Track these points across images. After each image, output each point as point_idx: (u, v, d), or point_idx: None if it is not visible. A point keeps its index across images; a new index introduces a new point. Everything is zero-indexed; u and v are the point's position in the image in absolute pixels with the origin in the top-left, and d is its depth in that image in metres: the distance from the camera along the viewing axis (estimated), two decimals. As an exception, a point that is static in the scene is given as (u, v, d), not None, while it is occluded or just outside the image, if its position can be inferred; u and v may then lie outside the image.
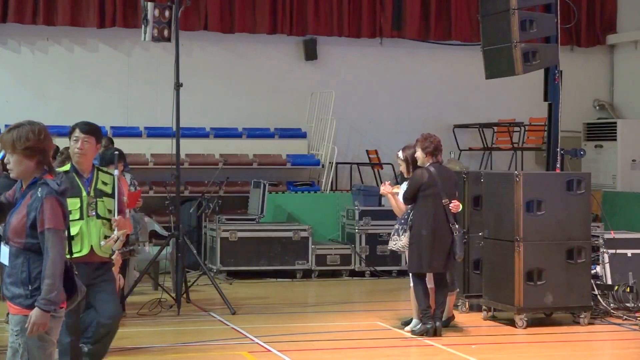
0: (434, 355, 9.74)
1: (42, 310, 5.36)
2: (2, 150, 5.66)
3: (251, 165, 16.93)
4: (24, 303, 5.44)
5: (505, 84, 16.00)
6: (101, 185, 7.41)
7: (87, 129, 7.41)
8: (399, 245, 10.68)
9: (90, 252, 7.27)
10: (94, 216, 7.29)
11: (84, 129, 7.40)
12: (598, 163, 18.29)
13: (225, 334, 10.63)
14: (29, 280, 5.45)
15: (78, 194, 7.26)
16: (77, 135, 7.40)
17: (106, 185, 7.41)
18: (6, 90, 16.86)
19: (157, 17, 12.75)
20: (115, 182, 7.42)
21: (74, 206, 7.11)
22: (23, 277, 5.46)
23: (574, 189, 11.01)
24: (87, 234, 7.28)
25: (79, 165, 7.40)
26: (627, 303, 11.52)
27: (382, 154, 17.73)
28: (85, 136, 7.37)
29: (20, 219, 5.50)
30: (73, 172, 7.35)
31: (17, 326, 5.47)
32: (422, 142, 10.48)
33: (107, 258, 7.45)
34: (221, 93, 17.73)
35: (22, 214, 5.50)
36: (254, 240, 15.09)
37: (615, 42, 19.46)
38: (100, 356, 7.79)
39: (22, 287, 5.46)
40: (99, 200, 7.34)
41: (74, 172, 7.36)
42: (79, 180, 7.34)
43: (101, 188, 7.40)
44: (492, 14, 11.96)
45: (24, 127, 5.63)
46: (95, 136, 7.44)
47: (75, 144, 7.37)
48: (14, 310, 5.50)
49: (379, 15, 18.24)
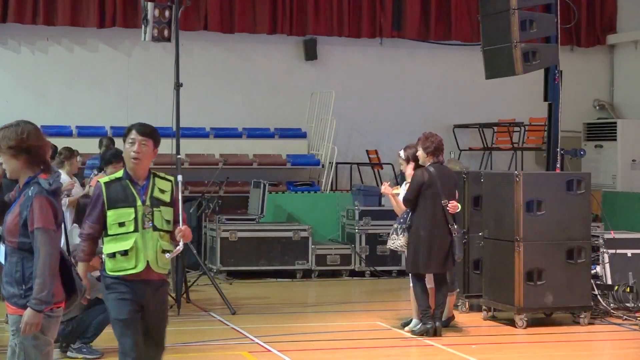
0: (434, 355, 9.74)
1: (34, 310, 5.36)
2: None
3: (251, 165, 16.93)
4: (19, 303, 5.44)
5: (505, 84, 16.00)
6: (158, 193, 6.53)
7: (145, 131, 6.48)
8: (397, 244, 10.68)
9: (146, 269, 6.40)
10: (150, 228, 6.42)
11: (141, 130, 6.48)
12: (598, 163, 18.29)
13: (225, 334, 10.63)
14: (22, 279, 5.45)
15: (132, 204, 6.41)
16: (134, 137, 6.46)
17: (164, 193, 6.53)
18: (6, 90, 16.86)
19: (157, 17, 12.74)
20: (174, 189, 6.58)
21: (128, 217, 6.40)
22: (17, 276, 5.47)
23: (574, 189, 11.01)
24: (142, 248, 6.40)
25: (133, 171, 6.48)
26: (627, 303, 11.52)
27: (382, 154, 17.74)
28: (142, 138, 6.44)
29: (13, 218, 5.50)
30: (126, 179, 6.48)
31: (13, 326, 5.48)
32: (423, 142, 10.47)
33: (164, 275, 6.62)
34: (221, 93, 17.74)
35: (15, 214, 5.51)
36: (254, 240, 15.09)
37: (615, 42, 19.47)
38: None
39: (16, 286, 5.46)
40: (155, 210, 6.45)
41: (127, 179, 6.48)
42: (133, 188, 6.46)
43: (158, 196, 6.51)
44: (492, 14, 11.96)
45: (10, 127, 5.59)
46: (154, 139, 6.51)
47: (130, 147, 6.43)
48: (10, 310, 5.50)
49: (379, 15, 18.24)
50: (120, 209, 6.37)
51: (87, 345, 9.21)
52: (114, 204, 6.38)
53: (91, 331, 9.16)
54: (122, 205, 6.37)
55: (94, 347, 9.26)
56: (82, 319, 9.11)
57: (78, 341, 9.16)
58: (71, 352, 9.17)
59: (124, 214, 6.35)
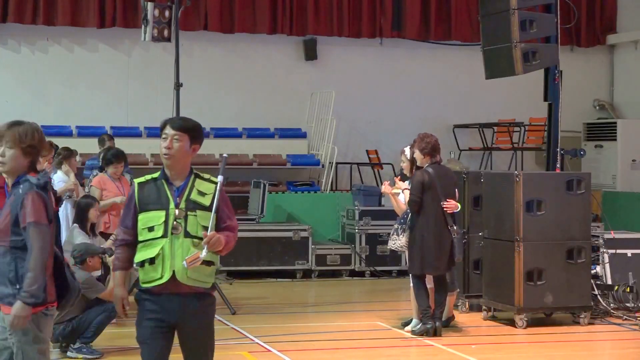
0: (434, 355, 9.74)
1: (24, 303, 5.36)
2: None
3: (251, 165, 16.93)
4: (13, 302, 5.42)
5: (505, 84, 15.99)
6: (196, 195, 5.82)
7: (180, 125, 5.86)
8: (398, 244, 10.67)
9: (173, 280, 5.69)
10: (181, 234, 5.71)
11: (175, 124, 5.87)
12: (598, 163, 18.29)
13: (225, 334, 10.61)
14: (16, 279, 5.45)
15: (164, 206, 5.74)
16: (167, 132, 5.84)
17: (204, 196, 5.81)
18: (6, 90, 16.86)
19: (157, 17, 12.75)
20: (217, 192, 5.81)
21: (157, 221, 5.72)
22: (11, 276, 5.46)
23: (574, 189, 11.01)
24: (169, 255, 5.69)
25: (168, 169, 5.84)
26: (627, 303, 11.52)
27: (382, 154, 17.74)
28: (176, 133, 5.81)
29: (3, 218, 5.49)
30: (162, 179, 5.84)
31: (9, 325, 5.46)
32: (419, 143, 10.46)
33: (202, 288, 5.79)
34: (221, 93, 17.74)
35: (6, 213, 5.50)
36: (254, 240, 15.08)
37: (615, 42, 19.47)
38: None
39: (10, 286, 5.45)
40: (190, 214, 5.74)
41: (162, 178, 5.84)
42: (168, 189, 5.81)
43: (196, 199, 5.80)
44: (492, 14, 11.96)
45: (28, 124, 5.62)
46: (190, 134, 5.86)
47: (162, 143, 5.84)
48: (5, 310, 5.48)
49: (379, 15, 18.24)
50: (151, 211, 5.75)
51: (87, 345, 9.20)
52: (145, 206, 5.76)
53: (91, 331, 9.16)
54: (153, 207, 5.75)
55: (94, 347, 9.25)
56: (82, 319, 9.11)
57: (78, 341, 9.16)
58: (71, 352, 9.17)
59: (154, 217, 5.73)
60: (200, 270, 5.71)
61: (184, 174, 5.87)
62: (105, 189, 11.42)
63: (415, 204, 10.34)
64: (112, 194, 11.39)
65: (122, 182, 11.60)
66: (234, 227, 5.87)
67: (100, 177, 11.61)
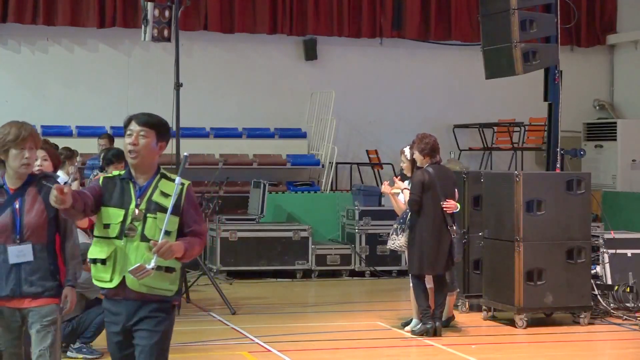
0: (434, 355, 9.74)
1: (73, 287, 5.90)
2: None
3: (251, 165, 16.93)
4: (57, 293, 5.81)
5: (505, 84, 16.00)
6: (159, 196, 5.45)
7: (146, 121, 5.51)
8: (397, 244, 10.67)
9: (122, 285, 5.38)
10: (136, 237, 5.37)
11: (141, 120, 5.51)
12: (598, 163, 18.29)
13: (225, 334, 10.63)
14: (58, 271, 5.83)
15: (125, 206, 5.43)
16: (132, 128, 5.50)
17: (167, 197, 5.41)
18: (6, 90, 16.86)
19: (157, 17, 12.75)
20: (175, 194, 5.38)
21: (115, 219, 5.41)
22: (52, 269, 5.80)
23: (574, 189, 11.01)
24: (121, 259, 5.37)
25: (134, 168, 5.51)
26: (627, 303, 11.52)
27: (382, 154, 17.74)
28: (142, 129, 5.46)
29: (40, 215, 5.73)
30: (127, 178, 5.53)
31: (50, 316, 5.77)
32: (418, 144, 10.46)
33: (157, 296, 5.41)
34: (221, 93, 17.74)
35: (40, 210, 5.73)
36: (254, 240, 15.08)
37: (615, 42, 19.47)
38: None
39: (52, 279, 5.79)
40: (149, 217, 5.39)
41: (127, 177, 5.53)
42: (132, 187, 5.49)
43: (157, 200, 5.43)
44: (492, 14, 11.96)
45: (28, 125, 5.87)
46: (156, 130, 5.51)
47: (127, 140, 5.48)
48: (43, 301, 5.77)
49: (379, 15, 18.25)
50: (111, 208, 5.44)
51: (87, 345, 9.20)
52: (107, 201, 5.46)
53: (91, 331, 9.16)
54: (113, 204, 5.44)
55: (94, 347, 9.25)
56: (82, 319, 9.11)
57: (78, 341, 9.16)
58: (71, 352, 9.16)
59: (112, 214, 5.41)
60: (156, 277, 5.32)
61: (149, 173, 5.52)
62: (106, 189, 11.40)
63: (415, 203, 10.34)
64: (112, 194, 11.38)
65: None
66: (201, 232, 5.50)
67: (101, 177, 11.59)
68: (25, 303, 5.76)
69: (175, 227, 5.40)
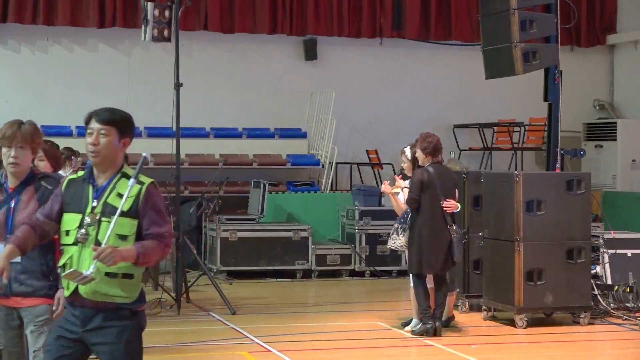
0: (434, 355, 9.74)
1: None
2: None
3: (251, 165, 16.93)
4: (50, 292, 5.70)
5: (505, 84, 16.01)
6: (114, 198, 5.09)
7: (106, 118, 5.22)
8: (397, 244, 10.68)
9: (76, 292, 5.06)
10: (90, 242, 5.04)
11: (102, 117, 5.22)
12: (598, 163, 18.29)
13: (225, 334, 10.63)
14: (49, 270, 5.73)
15: (82, 210, 5.11)
16: (93, 126, 5.19)
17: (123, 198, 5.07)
18: (6, 90, 16.86)
19: (157, 17, 12.75)
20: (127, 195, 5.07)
21: (72, 225, 5.10)
22: (44, 269, 5.74)
23: (574, 189, 11.01)
24: (75, 266, 5.04)
25: (95, 168, 5.20)
26: (627, 303, 11.52)
27: (382, 154, 17.74)
28: (102, 127, 5.16)
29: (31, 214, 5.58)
30: (87, 178, 5.21)
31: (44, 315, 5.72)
32: (421, 142, 10.47)
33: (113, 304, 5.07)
34: (221, 93, 17.74)
35: (34, 209, 5.62)
36: (254, 240, 15.09)
37: (615, 42, 19.47)
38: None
39: (43, 279, 5.73)
40: (104, 220, 5.03)
41: (87, 177, 5.21)
42: (91, 189, 5.16)
43: (113, 202, 5.08)
44: (492, 14, 11.96)
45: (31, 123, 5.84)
46: (118, 127, 5.21)
47: (88, 139, 5.19)
48: (37, 301, 5.73)
49: (379, 15, 18.24)
50: (70, 213, 5.14)
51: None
52: (67, 206, 5.17)
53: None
54: (72, 209, 5.13)
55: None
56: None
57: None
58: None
59: (70, 220, 5.12)
60: (111, 284, 5.02)
61: (110, 171, 5.19)
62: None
63: (414, 201, 10.35)
64: (112, 194, 11.38)
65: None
66: (162, 235, 5.11)
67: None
68: (17, 302, 5.76)
69: (132, 230, 5.05)
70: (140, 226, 5.08)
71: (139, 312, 5.17)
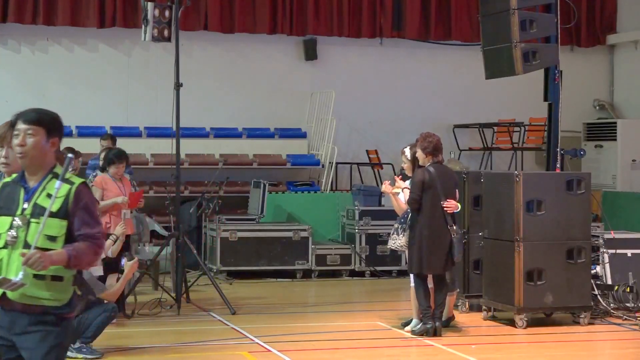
0: (434, 355, 9.74)
1: None
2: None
3: (251, 165, 16.93)
4: None
5: (505, 84, 16.00)
6: (44, 199, 4.97)
7: (32, 118, 5.06)
8: (398, 244, 10.68)
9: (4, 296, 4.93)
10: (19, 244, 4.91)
11: (27, 118, 5.06)
12: (598, 163, 18.29)
13: (225, 334, 10.63)
14: None
15: (13, 212, 5.00)
16: (19, 127, 5.05)
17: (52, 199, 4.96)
18: (6, 90, 16.85)
19: (157, 17, 12.75)
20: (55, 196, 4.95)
21: (3, 228, 4.98)
22: None
23: (574, 189, 11.01)
24: (4, 269, 4.93)
25: (25, 169, 5.09)
26: (627, 303, 11.52)
27: (382, 154, 17.74)
28: (29, 127, 5.02)
29: None
30: (19, 180, 5.10)
31: None
32: (421, 142, 10.47)
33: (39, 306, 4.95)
34: (221, 93, 17.74)
35: None
36: (254, 240, 15.09)
37: (615, 42, 19.47)
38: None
39: None
40: (33, 222, 4.91)
41: (19, 179, 5.11)
42: (22, 191, 5.05)
43: (42, 203, 4.96)
44: (492, 14, 11.96)
45: None
46: (45, 127, 5.06)
47: (14, 140, 5.07)
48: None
49: (379, 15, 18.24)
50: (1, 217, 5.02)
51: (87, 345, 9.20)
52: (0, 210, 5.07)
53: (91, 331, 9.16)
54: (4, 212, 5.02)
55: (94, 347, 9.26)
56: (82, 319, 9.11)
57: (78, 341, 9.16)
58: (71, 352, 9.15)
59: (1, 223, 4.99)
60: (39, 286, 4.90)
61: (41, 174, 5.06)
62: (107, 189, 11.42)
63: (415, 202, 10.35)
64: (113, 194, 11.40)
65: (123, 183, 11.62)
66: (93, 236, 5.00)
67: (102, 177, 11.60)
68: None
69: (61, 231, 4.94)
70: (71, 227, 4.97)
71: (67, 319, 5.03)
